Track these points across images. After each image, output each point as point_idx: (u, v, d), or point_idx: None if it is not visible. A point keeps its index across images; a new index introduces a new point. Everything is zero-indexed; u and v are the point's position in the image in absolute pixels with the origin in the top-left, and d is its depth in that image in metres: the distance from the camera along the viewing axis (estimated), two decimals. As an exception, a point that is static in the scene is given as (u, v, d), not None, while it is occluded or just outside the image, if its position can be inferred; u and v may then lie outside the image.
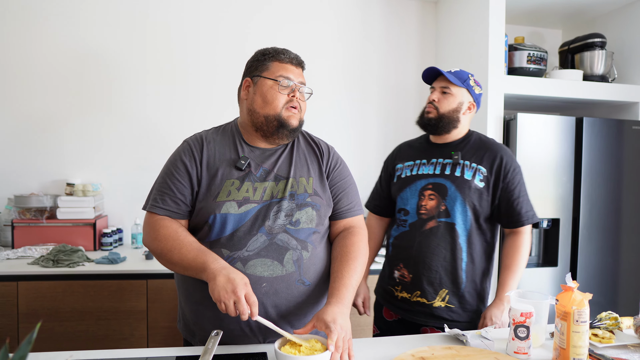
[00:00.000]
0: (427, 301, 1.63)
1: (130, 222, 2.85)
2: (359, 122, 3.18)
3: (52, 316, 2.17)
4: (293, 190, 1.32)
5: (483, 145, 1.68)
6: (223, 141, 1.36)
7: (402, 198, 1.71)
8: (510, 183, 1.62)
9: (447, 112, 1.67)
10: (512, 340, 1.22)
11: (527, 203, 1.64)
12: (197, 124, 2.64)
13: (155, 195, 1.31)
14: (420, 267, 1.63)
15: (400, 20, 3.20)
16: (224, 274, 1.12)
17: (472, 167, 1.64)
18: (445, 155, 1.69)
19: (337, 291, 1.22)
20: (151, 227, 1.28)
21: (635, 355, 1.25)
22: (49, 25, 2.74)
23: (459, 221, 1.61)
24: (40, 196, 2.59)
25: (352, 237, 1.36)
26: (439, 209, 1.63)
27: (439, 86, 1.70)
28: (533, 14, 3.09)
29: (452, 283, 1.62)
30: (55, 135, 2.77)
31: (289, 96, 1.32)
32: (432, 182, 1.65)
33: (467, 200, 1.60)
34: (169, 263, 1.25)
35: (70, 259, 2.26)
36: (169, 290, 2.25)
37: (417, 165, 1.72)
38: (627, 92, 2.83)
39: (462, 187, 1.61)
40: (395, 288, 1.70)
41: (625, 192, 2.74)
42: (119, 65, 2.82)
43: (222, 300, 1.09)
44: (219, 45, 2.93)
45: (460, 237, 1.61)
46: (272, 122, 1.31)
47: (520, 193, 1.63)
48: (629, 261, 2.77)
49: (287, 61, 1.34)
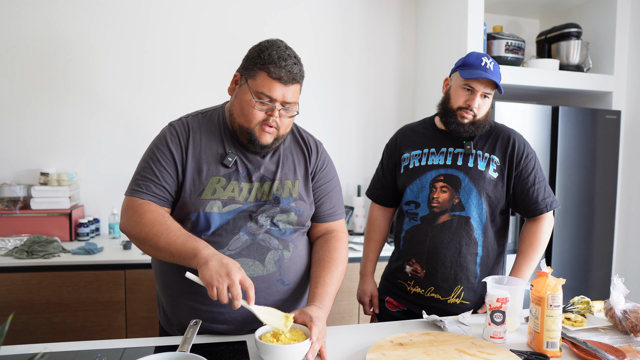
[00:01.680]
0: (442, 297, 1.56)
1: (107, 212, 2.80)
2: (338, 109, 3.17)
3: (26, 308, 2.12)
4: (278, 194, 1.29)
5: (494, 132, 1.59)
6: (209, 132, 1.30)
7: (411, 190, 1.61)
8: (524, 171, 1.54)
9: (483, 117, 1.55)
10: (488, 325, 1.25)
11: (544, 190, 1.56)
12: (176, 110, 2.60)
13: (139, 179, 1.24)
14: (433, 263, 1.55)
15: (379, 9, 3.18)
16: (217, 258, 1.07)
17: (485, 157, 1.55)
18: (456, 145, 1.58)
19: (320, 297, 1.23)
20: (134, 210, 1.20)
21: (606, 337, 1.29)
22: (19, 10, 2.64)
23: (474, 215, 1.53)
24: (13, 186, 2.53)
25: (335, 242, 1.36)
26: (452, 202, 1.54)
27: (482, 90, 1.52)
28: (511, 3, 3.12)
29: (467, 279, 1.55)
30: (28, 124, 2.70)
31: (266, 114, 1.22)
32: (443, 174, 1.56)
33: (482, 193, 1.53)
34: (153, 249, 1.16)
35: (45, 250, 2.21)
36: (147, 281, 2.23)
37: (425, 154, 1.61)
38: (601, 81, 2.89)
39: (476, 178, 1.53)
40: (407, 283, 1.62)
41: (598, 180, 2.81)
42: (94, 51, 2.75)
43: (214, 285, 1.03)
44: (199, 31, 2.88)
45: (476, 230, 1.54)
46: (244, 134, 1.25)
47: (536, 180, 1.55)
48: (601, 247, 2.85)
49: (275, 77, 1.19)
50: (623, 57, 2.90)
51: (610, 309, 1.35)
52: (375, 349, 1.15)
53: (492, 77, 1.49)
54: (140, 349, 1.15)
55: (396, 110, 3.27)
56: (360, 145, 3.23)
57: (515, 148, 1.55)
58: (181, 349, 1.03)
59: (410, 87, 3.29)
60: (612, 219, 2.87)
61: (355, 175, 3.22)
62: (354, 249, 2.54)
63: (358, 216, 3.00)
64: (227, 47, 2.89)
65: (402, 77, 3.27)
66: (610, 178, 2.85)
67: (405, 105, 3.29)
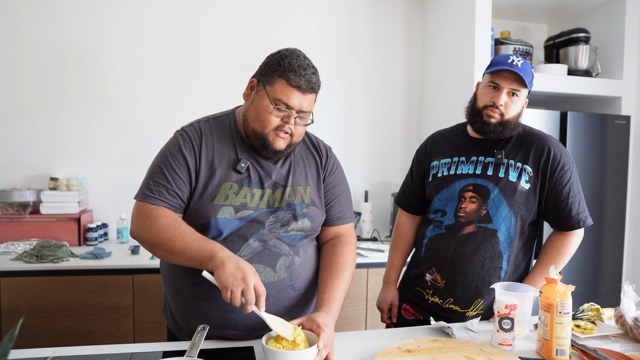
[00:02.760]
0: (460, 309, 1.50)
1: (115, 217, 2.82)
2: (345, 115, 3.17)
3: (35, 312, 2.14)
4: (290, 200, 1.29)
5: (527, 139, 1.50)
6: (221, 137, 1.30)
7: (439, 200, 1.56)
8: (558, 183, 1.44)
9: (512, 118, 1.46)
10: (496, 332, 1.24)
11: (578, 204, 1.46)
12: (184, 115, 2.62)
13: (150, 184, 1.22)
14: (454, 274, 1.49)
15: (387, 14, 3.19)
16: (233, 261, 1.07)
17: (517, 167, 1.46)
18: (487, 153, 1.51)
19: (328, 302, 1.22)
20: (146, 216, 1.19)
21: (616, 345, 1.27)
22: (32, 16, 2.68)
23: (502, 228, 1.46)
24: (23, 191, 2.55)
25: (343, 247, 1.36)
26: (479, 213, 1.47)
27: (508, 87, 1.44)
28: (519, 8, 3.11)
29: (489, 293, 1.48)
30: (38, 129, 2.72)
31: (282, 121, 1.23)
32: (472, 184, 1.49)
33: (513, 205, 1.45)
34: (168, 253, 1.15)
35: (54, 254, 2.23)
36: (155, 285, 2.24)
37: (454, 163, 1.55)
38: (610, 86, 2.87)
39: (506, 189, 1.45)
40: (426, 291, 1.56)
41: (607, 186, 2.78)
42: (103, 56, 2.78)
43: (229, 288, 1.03)
44: (206, 37, 2.90)
45: (502, 244, 1.47)
46: (258, 139, 1.25)
47: (571, 193, 1.45)
48: (611, 253, 2.82)
49: (294, 85, 1.20)
50: (632, 62, 2.88)
51: (621, 317, 1.33)
52: (383, 356, 1.14)
53: (517, 70, 1.41)
54: (147, 354, 1.15)
55: (404, 116, 3.27)
56: (367, 151, 3.22)
57: (550, 158, 1.45)
58: (189, 354, 1.03)
59: (417, 93, 3.29)
60: (622, 225, 2.84)
61: (363, 181, 3.21)
62: (362, 255, 2.54)
63: (365, 222, 2.99)
64: (234, 53, 2.91)
65: (410, 83, 3.27)
66: (620, 184, 2.82)
67: (413, 112, 3.29)
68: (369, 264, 2.50)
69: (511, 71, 1.42)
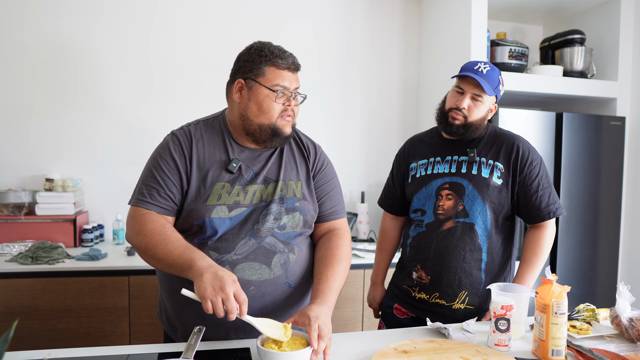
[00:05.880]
0: (447, 303, 1.57)
1: (111, 218, 2.81)
2: (342, 116, 3.17)
3: (31, 314, 2.13)
4: (282, 194, 1.31)
5: (498, 138, 1.60)
6: (212, 139, 1.32)
7: (418, 199, 1.64)
8: (528, 177, 1.55)
9: (476, 121, 1.57)
10: (493, 333, 1.24)
11: (548, 196, 1.55)
12: (178, 117, 2.62)
13: (142, 188, 1.25)
14: (438, 269, 1.57)
15: (383, 16, 3.20)
16: (212, 271, 1.06)
17: (489, 165, 1.57)
18: (460, 152, 1.61)
19: (322, 293, 1.22)
20: (136, 220, 1.21)
21: (612, 345, 1.28)
22: (26, 16, 2.67)
23: (478, 221, 1.55)
24: (18, 192, 2.54)
25: (337, 240, 1.36)
26: (456, 209, 1.56)
27: (471, 92, 1.55)
28: (515, 9, 3.12)
29: (472, 284, 1.56)
30: (33, 130, 2.71)
31: (284, 105, 1.28)
32: (448, 182, 1.59)
33: (486, 199, 1.54)
34: (152, 259, 1.18)
35: (50, 255, 2.22)
36: (151, 287, 2.23)
37: (431, 163, 1.64)
38: (605, 88, 2.88)
39: (480, 185, 1.55)
40: (412, 289, 1.64)
41: (603, 187, 2.80)
42: (100, 57, 2.77)
43: (208, 298, 1.02)
44: (202, 39, 2.89)
45: (480, 237, 1.55)
46: (266, 131, 1.28)
47: (540, 187, 1.55)
48: (606, 254, 2.83)
49: (284, 67, 1.27)
50: (627, 63, 2.90)
51: (616, 317, 1.34)
52: (379, 357, 1.14)
53: (478, 77, 1.51)
54: (143, 355, 1.15)
55: (400, 117, 3.28)
56: (364, 153, 3.23)
57: (519, 155, 1.56)
58: (185, 355, 1.03)
59: (413, 94, 3.30)
60: (617, 226, 2.85)
61: (359, 182, 3.21)
62: (358, 255, 2.54)
63: (362, 222, 2.99)
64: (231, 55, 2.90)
65: (406, 84, 3.27)
66: (615, 184, 2.83)
67: (409, 113, 3.30)
68: (366, 265, 2.50)
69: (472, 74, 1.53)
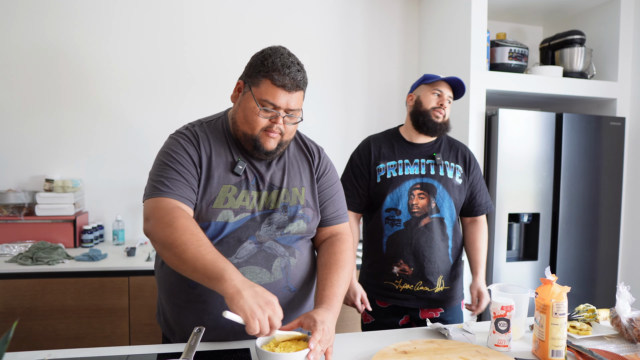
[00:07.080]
0: (429, 289, 1.78)
1: (111, 219, 2.81)
2: (342, 120, 3.18)
3: (30, 315, 2.13)
4: (286, 202, 1.29)
5: (453, 144, 1.89)
6: (216, 139, 1.29)
7: (391, 198, 1.80)
8: (475, 178, 1.87)
9: (448, 120, 1.83)
10: (493, 333, 1.24)
11: (486, 194, 1.91)
12: (178, 118, 2.62)
13: (163, 180, 1.17)
14: (420, 261, 1.77)
15: (383, 16, 3.20)
16: (248, 286, 1.02)
17: (451, 167, 1.83)
18: (426, 156, 1.83)
19: (328, 299, 1.21)
20: (166, 212, 1.12)
21: (612, 345, 1.28)
22: (26, 18, 2.67)
23: (446, 215, 1.80)
24: (18, 192, 2.54)
25: (340, 245, 1.35)
26: (430, 206, 1.78)
27: (447, 94, 1.80)
28: (515, 10, 3.12)
29: (445, 269, 1.81)
30: (33, 130, 2.72)
31: (270, 121, 1.21)
32: (420, 182, 1.79)
33: (452, 196, 1.80)
34: (176, 257, 1.08)
35: (50, 256, 2.22)
36: (151, 287, 2.23)
37: (400, 165, 1.82)
38: (605, 88, 2.88)
39: (447, 185, 1.80)
40: (395, 282, 1.80)
41: (603, 187, 2.80)
42: (100, 60, 2.77)
43: (257, 317, 0.98)
44: (201, 39, 2.90)
45: (448, 227, 1.81)
46: (248, 141, 1.24)
47: (481, 186, 1.89)
48: (606, 254, 2.83)
49: (279, 84, 1.18)
50: (627, 64, 2.90)
51: (616, 317, 1.34)
52: (379, 357, 1.14)
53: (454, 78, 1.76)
54: (143, 356, 1.14)
55: (400, 118, 3.27)
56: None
57: (469, 159, 1.86)
58: (185, 356, 1.03)
59: (413, 94, 3.29)
60: (617, 226, 2.85)
61: (359, 182, 3.21)
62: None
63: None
64: (229, 55, 2.91)
65: (406, 85, 3.27)
66: (615, 185, 2.83)
67: (409, 112, 3.29)
68: (366, 266, 2.49)
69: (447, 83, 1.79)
